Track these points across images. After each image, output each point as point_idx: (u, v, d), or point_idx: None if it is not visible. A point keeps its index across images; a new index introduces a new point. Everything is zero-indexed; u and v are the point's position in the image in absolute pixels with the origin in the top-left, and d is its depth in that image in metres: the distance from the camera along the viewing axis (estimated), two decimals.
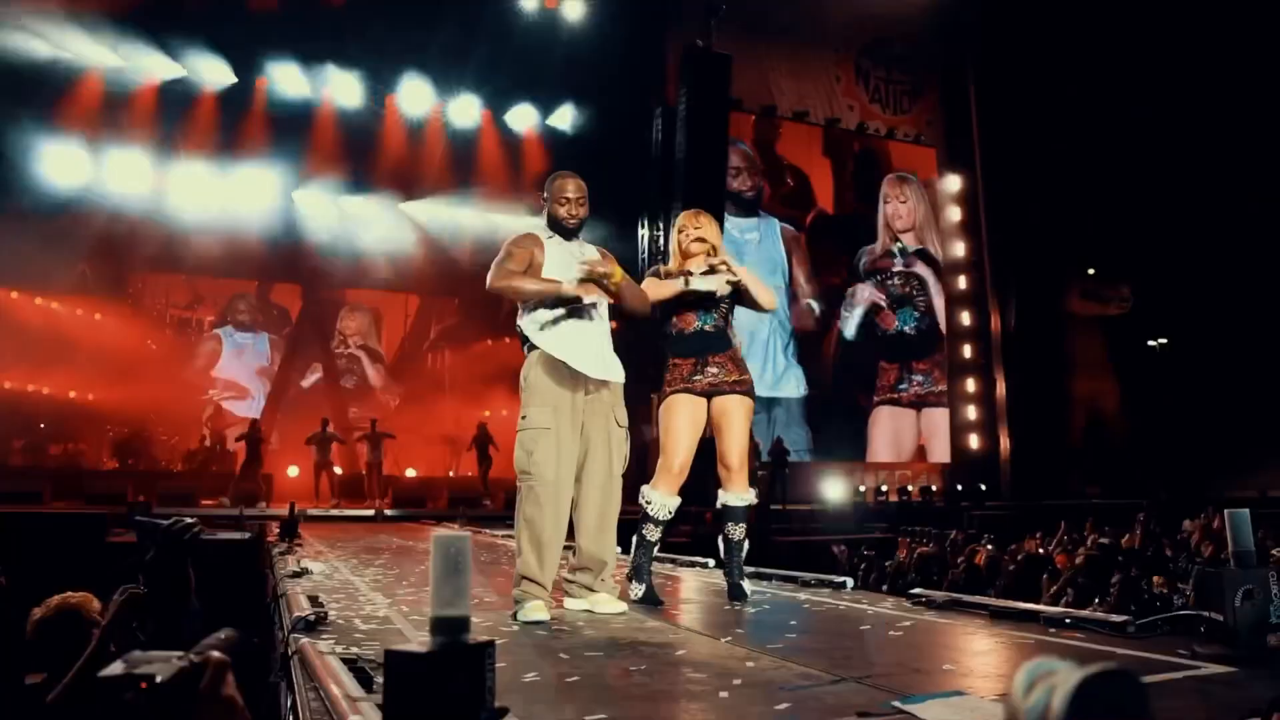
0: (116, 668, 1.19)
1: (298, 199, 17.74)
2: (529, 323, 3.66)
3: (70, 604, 3.08)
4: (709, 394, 4.00)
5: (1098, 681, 0.81)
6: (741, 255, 18.14)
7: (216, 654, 1.28)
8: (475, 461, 15.61)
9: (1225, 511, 2.56)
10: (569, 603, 3.69)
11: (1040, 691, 0.83)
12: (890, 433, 21.35)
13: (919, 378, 21.79)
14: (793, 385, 20.41)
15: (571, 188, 3.76)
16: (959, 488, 19.84)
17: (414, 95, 18.14)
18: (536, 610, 3.36)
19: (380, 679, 2.37)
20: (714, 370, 4.00)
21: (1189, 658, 2.45)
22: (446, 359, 19.09)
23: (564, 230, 3.75)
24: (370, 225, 18.26)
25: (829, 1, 20.52)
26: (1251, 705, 1.67)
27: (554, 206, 3.74)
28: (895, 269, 21.95)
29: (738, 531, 4.07)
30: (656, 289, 4.01)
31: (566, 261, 3.64)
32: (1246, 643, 2.38)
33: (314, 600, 3.68)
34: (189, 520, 2.42)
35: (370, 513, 13.44)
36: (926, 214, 22.50)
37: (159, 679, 1.15)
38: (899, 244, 22.04)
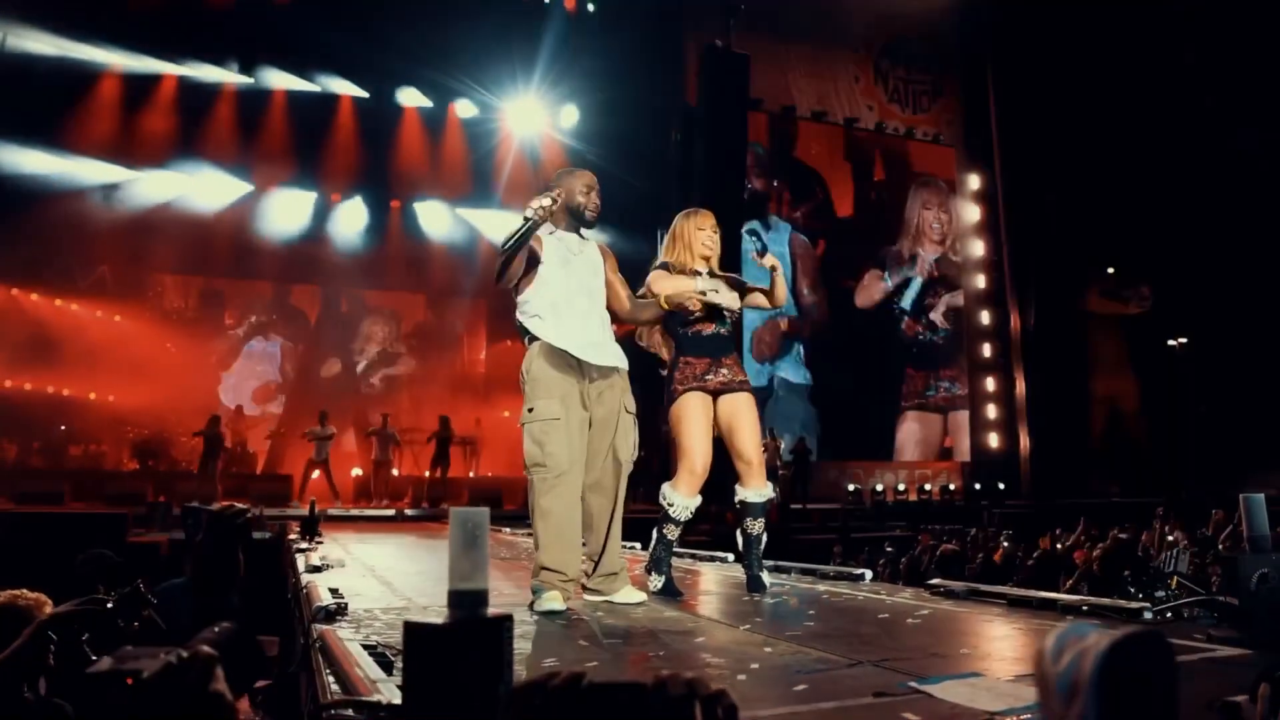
0: (104, 664, 1.19)
1: (316, 201, 17.87)
2: (526, 314, 3.65)
3: (18, 604, 2.95)
4: (718, 392, 4.02)
5: (1128, 645, 0.81)
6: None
7: (205, 649, 1.27)
8: (430, 459, 15.24)
9: (1241, 496, 2.56)
10: (588, 595, 3.71)
11: (1071, 656, 0.83)
12: (918, 436, 21.40)
13: (945, 384, 21.84)
14: (798, 386, 20.49)
15: (590, 179, 3.80)
16: (978, 486, 19.77)
17: (427, 96, 18.22)
18: (553, 600, 3.36)
19: (400, 663, 2.40)
20: (725, 371, 4.04)
21: (1205, 641, 2.45)
22: (463, 360, 19.17)
23: (583, 221, 3.77)
24: (386, 226, 18.36)
25: (848, 1, 20.49)
26: None
27: (573, 199, 3.74)
28: (922, 274, 22.01)
29: (756, 526, 4.07)
30: (666, 286, 3.97)
31: (565, 257, 3.66)
32: (1262, 625, 2.38)
33: (334, 592, 3.72)
34: (241, 506, 2.40)
35: (391, 512, 13.50)
36: (955, 223, 22.53)
37: (145, 675, 1.15)
38: (925, 252, 22.11)
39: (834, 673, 2.22)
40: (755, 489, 4.05)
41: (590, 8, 18.60)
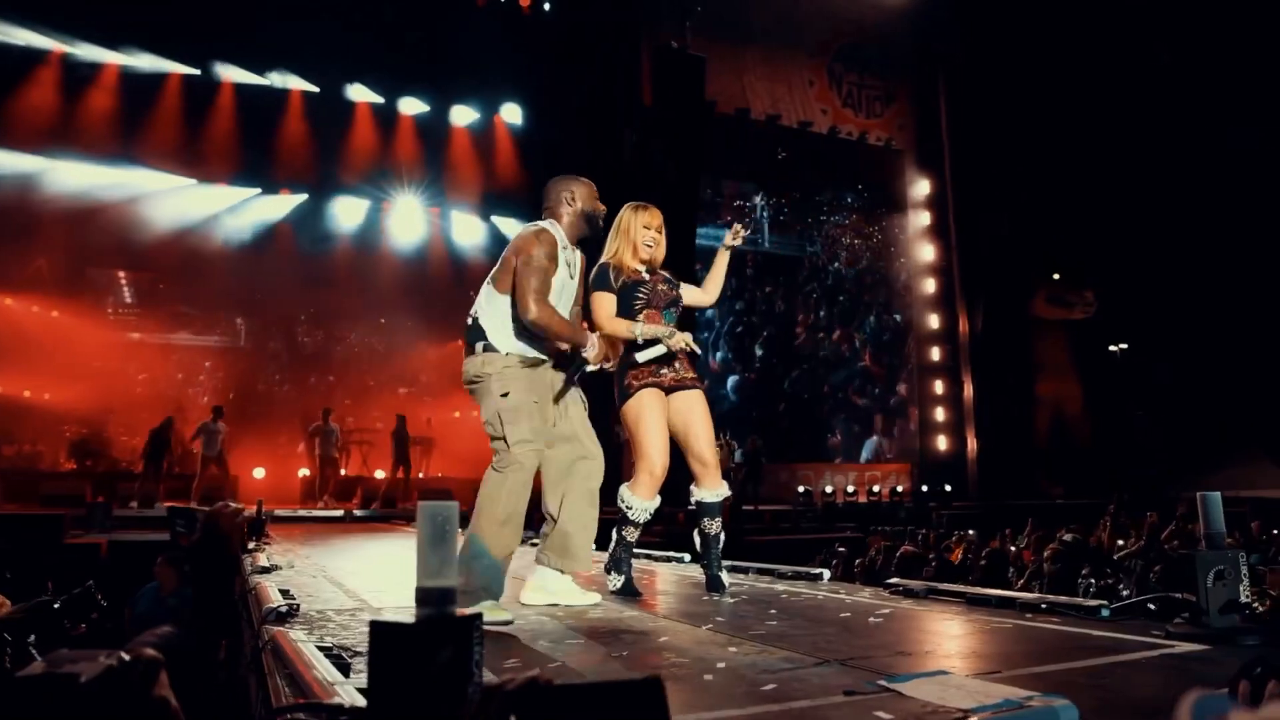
0: (37, 667, 1.10)
1: (261, 195, 17.54)
2: (514, 333, 3.44)
3: None
4: (672, 389, 3.95)
5: None
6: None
7: (149, 651, 1.20)
8: (390, 459, 15.07)
9: (1198, 494, 2.60)
10: (530, 596, 3.56)
11: None
12: (847, 440, 21.74)
13: (877, 389, 22.18)
14: (734, 389, 20.70)
15: (592, 185, 3.69)
16: (925, 488, 20.05)
17: (377, 95, 17.98)
18: (497, 611, 3.09)
19: (358, 665, 2.34)
20: (676, 366, 3.99)
21: (1163, 638, 2.49)
22: (414, 359, 18.90)
23: (596, 229, 3.67)
24: (334, 223, 18.06)
25: (803, 5, 20.65)
26: (1223, 680, 1.70)
27: (590, 204, 3.62)
28: (844, 287, 22.31)
29: (714, 526, 4.04)
30: (611, 323, 3.87)
31: (565, 278, 3.53)
32: (1218, 621, 2.41)
33: (285, 593, 3.63)
34: (236, 505, 2.33)
35: (339, 513, 13.28)
36: (877, 244, 22.78)
37: (82, 679, 1.07)
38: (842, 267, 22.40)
39: (801, 672, 2.20)
40: (711, 489, 4.02)
41: (546, 7, 18.52)
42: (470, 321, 3.48)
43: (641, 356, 3.87)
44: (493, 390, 3.38)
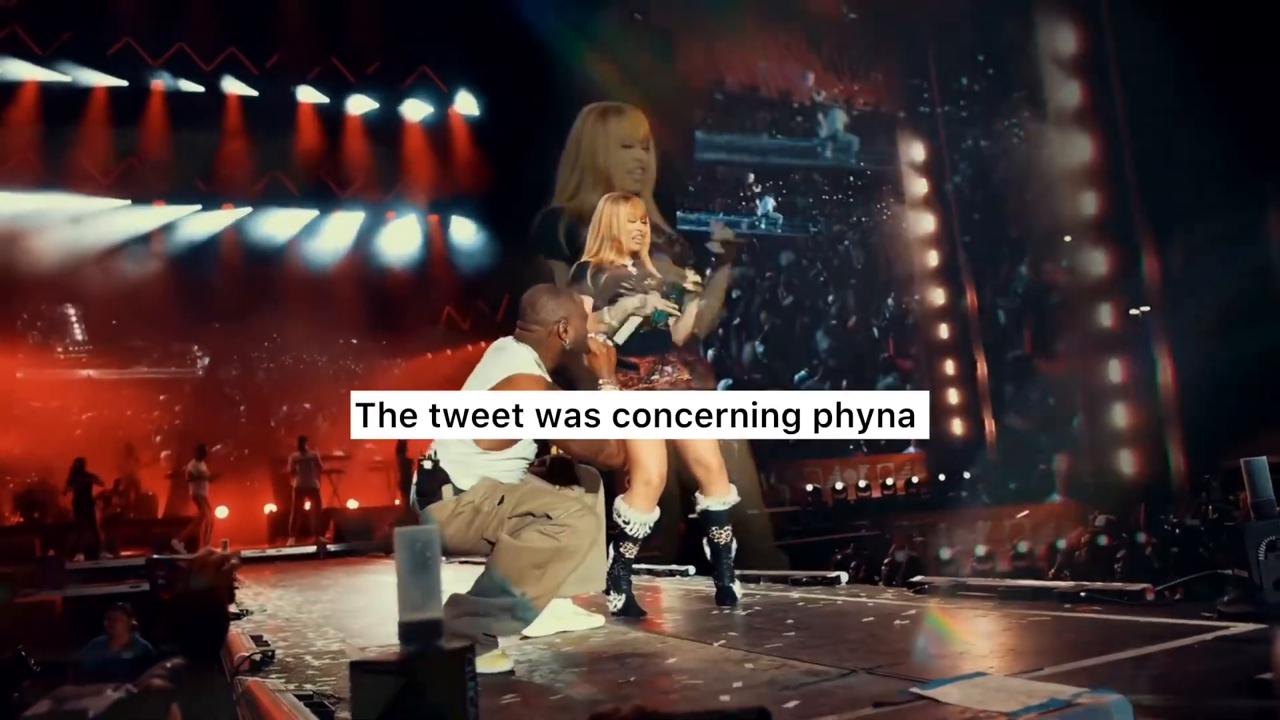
0: (43, 706, 1.12)
1: (201, 212, 17.38)
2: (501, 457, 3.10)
3: None
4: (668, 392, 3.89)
5: None
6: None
7: (158, 682, 1.22)
8: (397, 485, 15.03)
9: (1242, 460, 2.57)
10: (532, 628, 3.33)
11: None
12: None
13: (908, 386, 22.14)
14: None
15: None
16: (942, 477, 20.02)
17: (322, 95, 17.84)
18: (495, 661, 2.79)
19: (341, 712, 2.31)
20: (668, 369, 3.95)
21: (1214, 619, 2.47)
22: (396, 376, 18.73)
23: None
24: (282, 239, 17.88)
25: None
26: None
27: (579, 336, 3.27)
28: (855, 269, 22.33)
29: (724, 535, 3.99)
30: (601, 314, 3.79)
31: None
32: (1273, 597, 2.39)
33: (258, 640, 3.61)
34: (221, 552, 2.29)
35: (312, 549, 13.20)
36: (887, 220, 22.79)
37: (91, 714, 1.10)
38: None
39: (825, 685, 2.18)
40: (718, 496, 3.96)
41: None
42: (428, 466, 3.05)
43: (622, 338, 3.78)
44: (483, 510, 2.95)
